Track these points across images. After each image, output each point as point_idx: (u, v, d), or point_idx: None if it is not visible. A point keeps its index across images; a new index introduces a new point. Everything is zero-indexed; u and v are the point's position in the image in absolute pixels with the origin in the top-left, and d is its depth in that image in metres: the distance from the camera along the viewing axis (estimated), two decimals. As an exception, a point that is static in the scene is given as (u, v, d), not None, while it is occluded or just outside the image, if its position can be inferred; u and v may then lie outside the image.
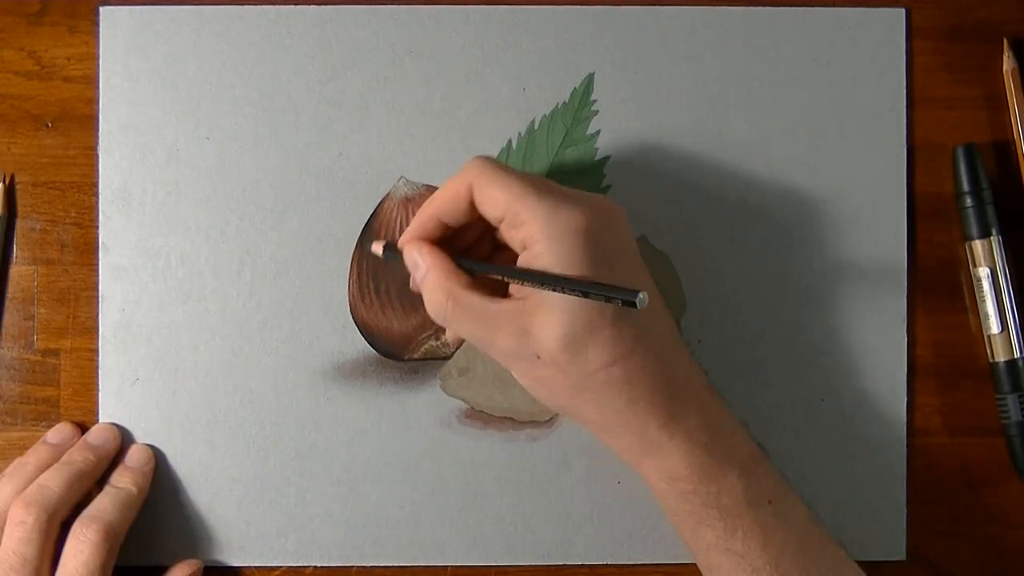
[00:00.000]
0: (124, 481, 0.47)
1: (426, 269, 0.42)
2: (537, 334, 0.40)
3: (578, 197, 0.41)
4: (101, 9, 0.49)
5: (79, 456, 0.47)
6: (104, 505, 0.46)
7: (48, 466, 0.46)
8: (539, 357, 0.40)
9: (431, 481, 0.49)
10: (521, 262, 0.41)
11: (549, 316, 0.39)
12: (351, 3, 0.50)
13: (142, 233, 0.49)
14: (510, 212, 0.40)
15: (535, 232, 0.40)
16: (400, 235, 0.49)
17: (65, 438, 0.48)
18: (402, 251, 0.44)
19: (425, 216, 0.43)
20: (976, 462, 0.50)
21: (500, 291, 0.42)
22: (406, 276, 0.49)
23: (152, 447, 0.49)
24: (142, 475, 0.48)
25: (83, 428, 0.49)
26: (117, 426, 0.49)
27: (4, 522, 0.45)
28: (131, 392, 0.49)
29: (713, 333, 0.49)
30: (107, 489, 0.47)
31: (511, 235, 0.41)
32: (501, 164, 0.42)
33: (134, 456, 0.48)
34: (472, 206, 0.42)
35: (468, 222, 0.43)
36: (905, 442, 0.49)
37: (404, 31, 0.50)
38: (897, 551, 0.49)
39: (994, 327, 0.49)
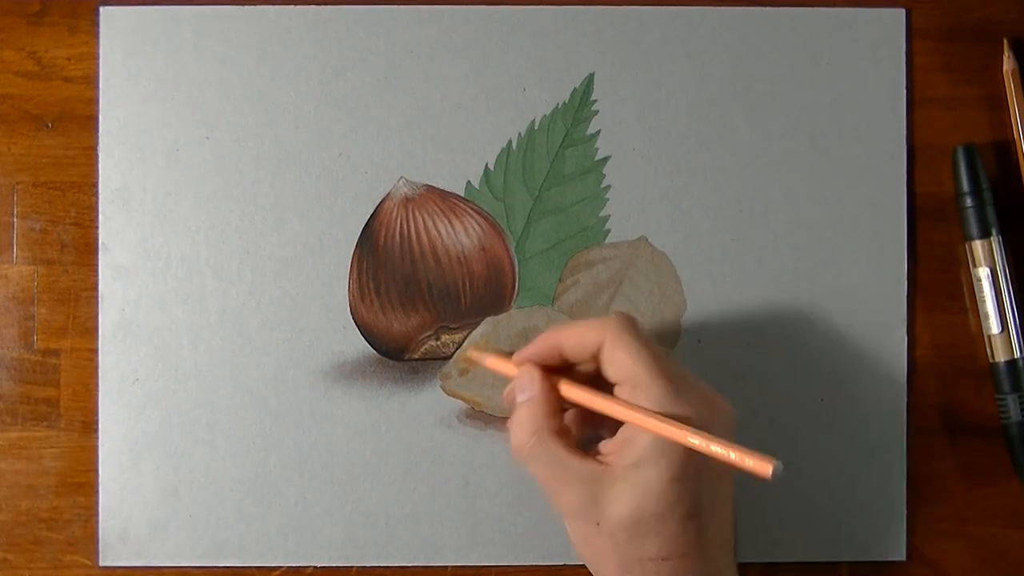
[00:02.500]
0: None
1: (529, 397, 0.43)
2: (605, 504, 0.40)
3: (696, 389, 0.41)
4: (101, 9, 0.49)
5: None
6: None
7: None
8: (599, 524, 0.40)
9: (431, 481, 0.49)
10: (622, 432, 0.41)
11: (624, 492, 0.39)
12: (351, 3, 0.50)
13: (142, 233, 0.49)
14: (630, 381, 0.41)
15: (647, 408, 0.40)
16: (399, 235, 0.49)
17: None
18: (507, 365, 0.44)
19: (549, 342, 0.43)
20: (976, 462, 0.50)
21: (584, 447, 0.42)
22: (406, 276, 0.49)
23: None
24: None
25: None
26: None
27: None
28: (131, 392, 0.49)
29: (713, 333, 0.49)
30: None
31: (624, 396, 0.41)
32: (640, 330, 0.42)
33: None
34: (595, 356, 0.42)
35: (580, 364, 0.43)
36: (905, 442, 0.49)
37: (404, 31, 0.50)
38: (897, 551, 0.49)
39: (994, 327, 0.49)
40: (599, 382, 0.43)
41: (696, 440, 0.38)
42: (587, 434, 0.44)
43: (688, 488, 0.39)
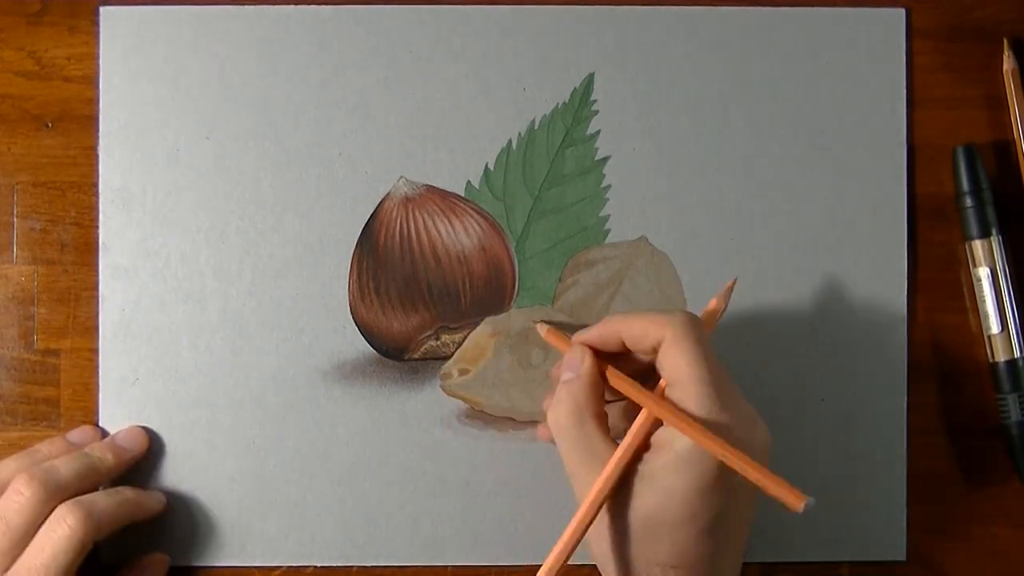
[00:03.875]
0: (126, 486, 0.47)
1: (576, 375, 0.42)
2: (627, 499, 0.39)
3: (741, 408, 0.40)
4: (101, 9, 0.49)
5: (97, 451, 0.46)
6: (96, 498, 0.45)
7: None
8: (615, 518, 0.40)
9: (431, 481, 0.49)
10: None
11: (648, 492, 0.39)
12: (351, 3, 0.50)
13: (142, 233, 0.49)
14: (681, 386, 0.40)
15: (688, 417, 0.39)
16: (399, 235, 0.49)
17: (86, 439, 0.48)
18: (560, 343, 0.44)
19: (610, 328, 0.43)
20: (976, 462, 0.50)
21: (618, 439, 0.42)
22: (406, 276, 0.49)
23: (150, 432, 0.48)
24: (145, 489, 0.48)
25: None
26: (147, 431, 0.48)
27: (2, 491, 0.44)
28: (131, 392, 0.49)
29: (713, 333, 0.49)
30: (106, 489, 0.47)
31: (672, 396, 0.41)
32: (703, 335, 0.41)
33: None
34: (653, 349, 0.41)
35: (637, 355, 0.43)
36: (905, 442, 0.49)
37: (404, 31, 0.50)
38: (897, 551, 0.49)
39: (994, 327, 0.49)
40: (649, 374, 0.43)
41: (736, 460, 0.38)
42: (622, 428, 0.44)
43: (711, 503, 0.39)
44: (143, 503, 0.47)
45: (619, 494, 0.40)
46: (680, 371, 0.40)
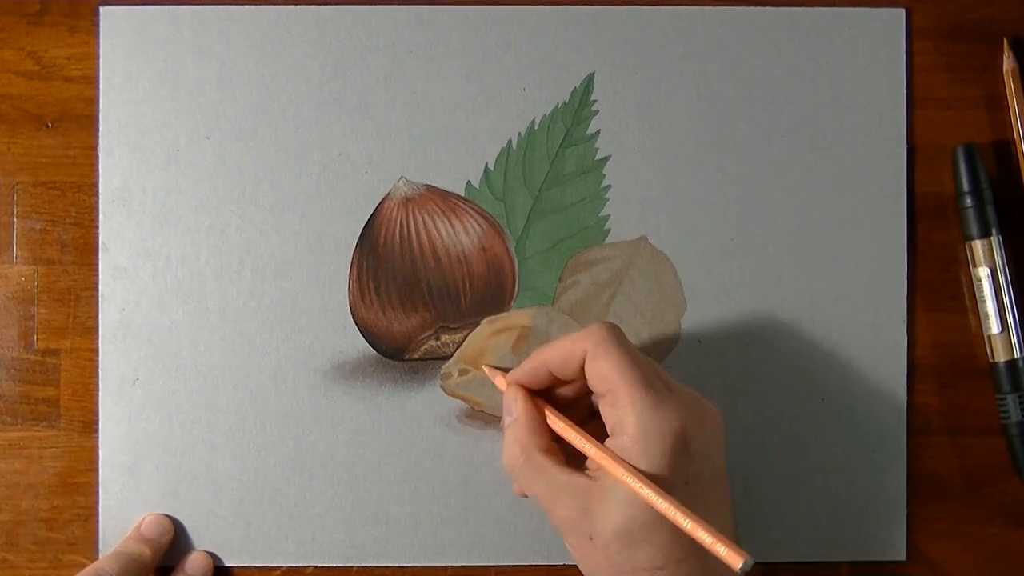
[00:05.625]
0: None
1: (514, 418, 0.43)
2: (596, 517, 0.40)
3: (680, 396, 0.41)
4: (101, 9, 0.49)
5: (132, 547, 0.48)
6: None
7: None
8: (591, 538, 0.40)
9: (431, 481, 0.49)
10: (608, 444, 0.41)
11: (611, 504, 0.39)
12: (351, 3, 0.50)
13: (142, 233, 0.49)
14: (611, 393, 0.40)
15: (629, 424, 0.40)
16: (399, 235, 0.49)
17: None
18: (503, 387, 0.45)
19: (536, 362, 0.43)
20: (976, 462, 0.50)
21: (576, 460, 0.42)
22: (406, 276, 0.49)
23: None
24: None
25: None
26: (170, 518, 0.49)
27: None
28: (131, 392, 0.49)
29: (713, 333, 0.49)
30: None
31: (607, 412, 0.41)
32: (623, 339, 0.41)
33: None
34: (582, 369, 0.42)
35: (575, 380, 0.43)
36: (905, 442, 0.49)
37: (404, 31, 0.50)
38: (897, 551, 0.49)
39: (994, 327, 0.49)
40: (587, 404, 0.44)
41: (672, 514, 0.38)
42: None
43: (676, 498, 0.39)
44: None
45: (587, 515, 0.40)
46: (608, 379, 0.40)
